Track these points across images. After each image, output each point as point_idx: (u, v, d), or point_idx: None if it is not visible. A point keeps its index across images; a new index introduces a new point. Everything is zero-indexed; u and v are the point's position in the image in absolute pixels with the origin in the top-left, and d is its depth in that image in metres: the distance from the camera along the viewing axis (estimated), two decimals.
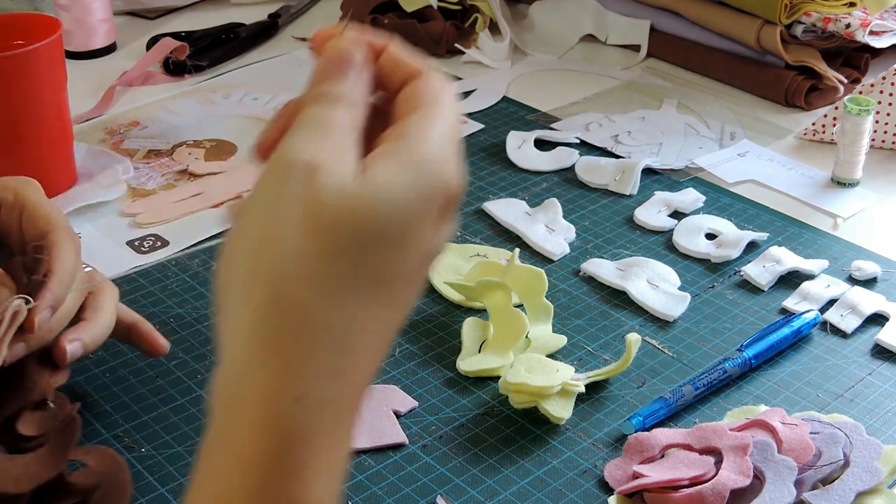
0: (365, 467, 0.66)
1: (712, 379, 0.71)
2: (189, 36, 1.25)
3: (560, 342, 0.76)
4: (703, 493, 0.60)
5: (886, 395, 0.71)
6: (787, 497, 0.60)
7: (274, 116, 0.43)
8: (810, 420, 0.66)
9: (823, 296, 0.80)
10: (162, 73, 1.20)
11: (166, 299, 0.81)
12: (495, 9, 1.25)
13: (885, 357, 0.75)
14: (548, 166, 1.00)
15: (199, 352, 0.76)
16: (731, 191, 0.96)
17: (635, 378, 0.73)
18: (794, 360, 0.75)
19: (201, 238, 0.90)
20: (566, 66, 1.23)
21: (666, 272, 0.83)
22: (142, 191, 0.97)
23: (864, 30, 1.08)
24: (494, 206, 0.92)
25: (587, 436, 0.68)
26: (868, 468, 0.62)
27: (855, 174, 0.96)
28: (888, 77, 0.99)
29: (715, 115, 1.10)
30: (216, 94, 1.16)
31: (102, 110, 1.12)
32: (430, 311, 0.80)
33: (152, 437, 0.69)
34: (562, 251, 0.87)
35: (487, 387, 0.72)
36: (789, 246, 0.86)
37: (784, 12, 1.09)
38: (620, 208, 0.93)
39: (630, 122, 1.08)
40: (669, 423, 0.69)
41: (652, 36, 1.23)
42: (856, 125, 0.93)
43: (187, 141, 1.06)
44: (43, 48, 0.89)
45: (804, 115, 1.09)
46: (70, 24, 1.22)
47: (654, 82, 1.18)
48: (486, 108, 1.12)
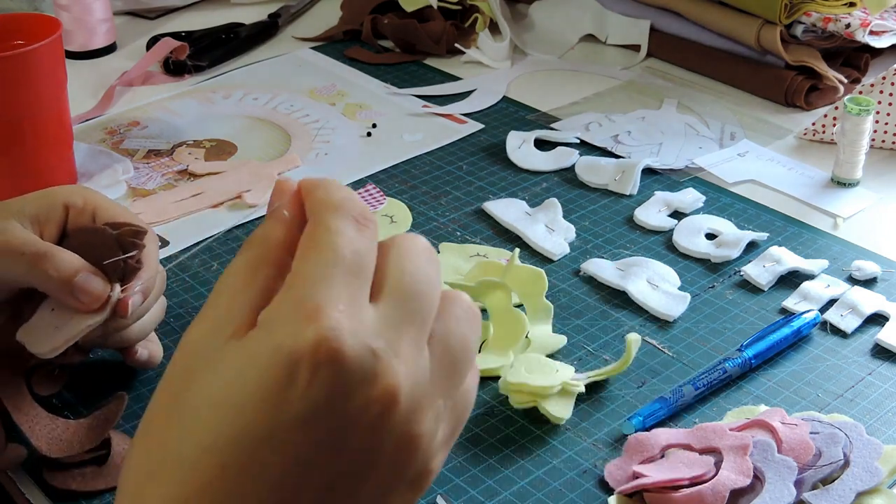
0: None
1: (712, 379, 0.71)
2: (189, 36, 1.25)
3: (560, 342, 0.76)
4: (703, 493, 0.60)
5: (886, 395, 0.71)
6: (787, 497, 0.60)
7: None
8: (810, 420, 0.66)
9: (823, 296, 0.80)
10: (162, 73, 1.20)
11: (166, 299, 0.81)
12: (495, 9, 1.25)
13: (885, 357, 0.75)
14: (548, 166, 1.00)
15: None
16: (731, 191, 0.96)
17: (635, 378, 0.73)
18: (794, 360, 0.75)
19: (201, 238, 0.90)
20: (566, 66, 1.23)
21: (666, 272, 0.83)
22: (142, 191, 0.97)
23: (864, 30, 1.08)
24: (494, 206, 0.92)
25: (587, 436, 0.68)
26: (868, 468, 0.62)
27: (855, 174, 0.96)
28: (888, 77, 0.99)
29: (715, 115, 1.10)
30: (216, 94, 1.16)
31: (102, 110, 1.12)
32: None
33: None
34: (562, 251, 0.87)
35: (487, 387, 0.72)
36: (789, 246, 0.86)
37: (784, 12, 1.09)
38: (620, 208, 0.93)
39: (630, 122, 1.08)
40: (669, 423, 0.69)
41: (652, 36, 1.23)
42: (856, 125, 0.93)
43: (187, 141, 1.06)
44: (43, 48, 0.89)
45: (804, 115, 1.09)
46: (70, 24, 1.22)
47: (654, 82, 1.18)
48: (486, 108, 1.12)
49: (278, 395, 0.35)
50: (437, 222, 0.91)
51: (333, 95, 1.15)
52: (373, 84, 1.18)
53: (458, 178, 0.99)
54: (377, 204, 0.92)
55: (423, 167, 1.00)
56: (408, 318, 0.37)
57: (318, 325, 0.35)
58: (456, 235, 0.90)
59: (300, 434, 0.35)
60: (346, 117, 1.11)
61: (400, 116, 1.10)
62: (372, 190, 0.94)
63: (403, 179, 0.98)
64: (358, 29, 1.28)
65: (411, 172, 1.00)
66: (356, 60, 1.23)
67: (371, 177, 0.99)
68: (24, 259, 0.61)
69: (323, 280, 0.36)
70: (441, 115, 1.10)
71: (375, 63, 1.22)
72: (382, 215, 0.91)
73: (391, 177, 0.99)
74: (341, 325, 0.35)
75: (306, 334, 0.35)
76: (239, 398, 0.35)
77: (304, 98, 1.14)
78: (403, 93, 1.15)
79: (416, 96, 1.14)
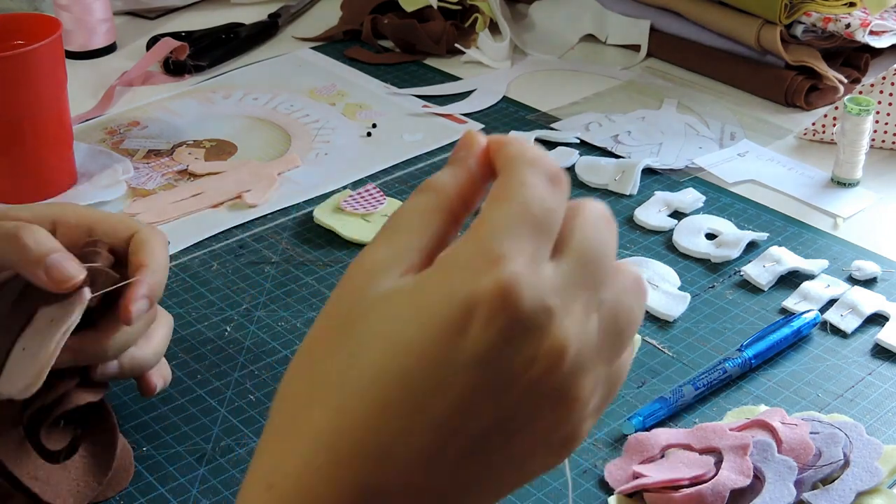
0: None
1: (712, 379, 0.71)
2: (189, 36, 1.25)
3: None
4: (703, 493, 0.60)
5: (886, 395, 0.71)
6: (787, 497, 0.60)
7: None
8: (810, 420, 0.66)
9: (823, 296, 0.80)
10: (162, 73, 1.20)
11: (166, 299, 0.81)
12: (495, 9, 1.25)
13: (885, 357, 0.75)
14: None
15: (199, 352, 0.76)
16: (731, 191, 0.96)
17: (635, 378, 0.73)
18: (794, 360, 0.75)
19: (201, 238, 0.90)
20: (566, 66, 1.23)
21: (666, 272, 0.83)
22: (142, 191, 0.97)
23: (864, 30, 1.08)
24: None
25: (587, 436, 0.68)
26: (868, 468, 0.62)
27: (855, 174, 0.96)
28: (888, 77, 0.99)
29: (715, 115, 1.10)
30: (216, 94, 1.16)
31: (102, 110, 1.12)
32: None
33: (152, 437, 0.69)
34: None
35: None
36: (789, 246, 0.86)
37: (784, 12, 1.09)
38: (620, 208, 0.93)
39: (630, 122, 1.08)
40: (669, 423, 0.69)
41: (652, 36, 1.23)
42: (856, 125, 0.93)
43: (187, 141, 1.06)
44: (43, 48, 0.89)
45: (804, 115, 1.09)
46: (70, 24, 1.22)
47: (654, 82, 1.18)
48: (486, 108, 1.12)
49: (449, 337, 0.35)
50: None
51: (333, 95, 1.15)
52: (373, 84, 1.18)
53: None
54: (377, 204, 0.92)
55: (423, 167, 1.00)
56: (583, 282, 0.37)
57: (498, 273, 0.35)
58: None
59: (465, 379, 0.35)
60: (346, 117, 1.11)
61: (400, 116, 1.10)
62: (372, 190, 0.94)
63: (403, 179, 0.98)
64: (358, 29, 1.28)
65: (411, 172, 1.00)
66: (356, 60, 1.23)
67: (371, 177, 0.99)
68: (3, 228, 0.58)
69: (510, 230, 0.36)
70: (441, 115, 1.10)
71: (375, 63, 1.22)
72: (382, 215, 0.92)
73: (391, 177, 0.99)
74: (521, 277, 0.35)
75: (485, 280, 0.35)
76: (408, 335, 0.35)
77: (304, 98, 1.14)
78: (403, 93, 1.15)
79: (416, 96, 1.14)
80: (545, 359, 0.36)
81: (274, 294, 0.82)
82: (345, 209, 0.92)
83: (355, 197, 0.93)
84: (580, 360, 0.37)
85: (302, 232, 0.91)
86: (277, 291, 0.83)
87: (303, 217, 0.93)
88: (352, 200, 0.93)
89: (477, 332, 0.35)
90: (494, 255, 0.36)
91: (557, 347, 0.36)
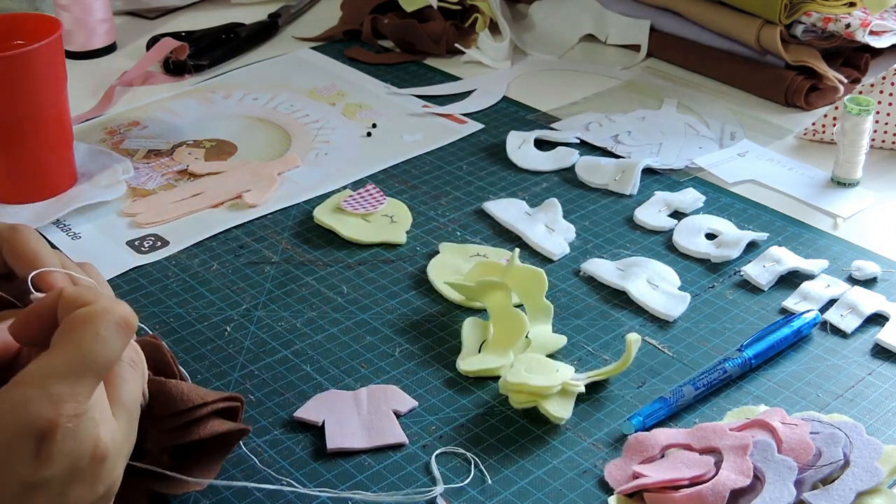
0: (365, 467, 0.66)
1: (712, 379, 0.71)
2: (189, 36, 1.25)
3: (560, 342, 0.76)
4: (703, 493, 0.60)
5: (886, 395, 0.71)
6: (787, 497, 0.60)
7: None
8: (810, 420, 0.66)
9: (823, 296, 0.80)
10: (162, 73, 1.20)
11: (166, 299, 0.81)
12: (495, 9, 1.25)
13: (885, 357, 0.75)
14: (548, 166, 1.00)
15: (199, 352, 0.76)
16: (731, 191, 0.96)
17: (635, 378, 0.73)
18: (794, 360, 0.75)
19: (201, 238, 0.90)
20: (566, 66, 1.23)
21: (666, 272, 0.83)
22: (142, 191, 0.97)
23: (864, 30, 1.08)
24: (494, 206, 0.92)
25: (587, 436, 0.68)
26: (868, 468, 0.62)
27: (855, 174, 0.96)
28: (888, 77, 0.99)
29: (715, 115, 1.10)
30: (216, 94, 1.16)
31: (102, 110, 1.12)
32: (430, 311, 0.80)
33: None
34: (562, 251, 0.87)
35: (487, 387, 0.72)
36: (789, 246, 0.86)
37: (784, 12, 1.09)
38: (620, 208, 0.93)
39: (630, 122, 1.08)
40: (669, 423, 0.69)
41: (652, 36, 1.23)
42: (856, 125, 0.93)
43: (187, 141, 1.06)
44: (43, 48, 0.89)
45: (804, 115, 1.09)
46: (70, 24, 1.22)
47: (654, 82, 1.18)
48: (486, 108, 1.12)
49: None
50: (437, 222, 0.91)
51: (333, 95, 1.15)
52: (373, 84, 1.18)
53: (457, 178, 0.99)
54: (377, 204, 0.92)
55: (423, 167, 1.00)
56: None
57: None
58: (456, 235, 0.90)
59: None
60: (346, 117, 1.11)
61: (400, 116, 1.10)
62: (372, 190, 0.94)
63: (403, 179, 0.98)
64: (358, 29, 1.28)
65: (411, 172, 1.00)
66: (356, 60, 1.23)
67: (371, 177, 0.99)
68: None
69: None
70: (441, 115, 1.10)
71: (375, 63, 1.22)
72: (382, 215, 0.92)
73: (391, 177, 0.99)
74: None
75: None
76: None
77: (304, 98, 1.14)
78: (403, 93, 1.15)
79: (416, 96, 1.14)
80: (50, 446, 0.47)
81: (274, 294, 0.82)
82: (345, 209, 0.92)
83: (355, 197, 0.93)
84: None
85: (302, 232, 0.91)
86: (277, 291, 0.83)
87: (303, 217, 0.93)
88: (352, 200, 0.93)
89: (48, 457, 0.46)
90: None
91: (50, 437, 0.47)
